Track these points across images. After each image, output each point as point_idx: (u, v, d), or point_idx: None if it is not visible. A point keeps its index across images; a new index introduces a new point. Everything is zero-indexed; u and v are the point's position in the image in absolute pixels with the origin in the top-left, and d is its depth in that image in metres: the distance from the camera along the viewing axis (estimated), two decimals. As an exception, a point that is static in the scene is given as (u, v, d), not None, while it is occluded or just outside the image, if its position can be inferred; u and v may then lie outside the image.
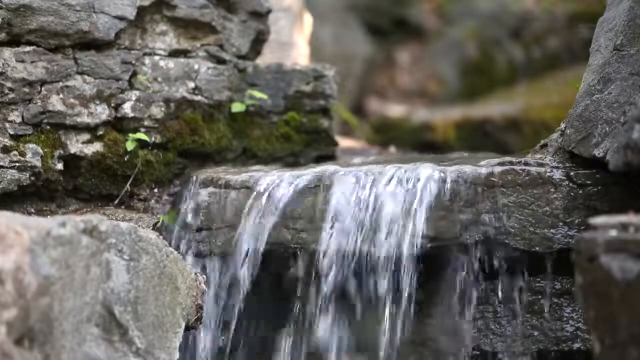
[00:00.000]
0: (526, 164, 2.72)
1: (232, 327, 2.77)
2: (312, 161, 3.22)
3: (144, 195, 3.02)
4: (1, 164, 2.79)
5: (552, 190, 2.66)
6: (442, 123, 5.67)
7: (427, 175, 2.67)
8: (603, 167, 2.60)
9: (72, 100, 2.90)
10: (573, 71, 5.36)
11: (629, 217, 2.01)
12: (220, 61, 3.16)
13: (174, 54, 3.10)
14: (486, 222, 2.65)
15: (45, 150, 2.85)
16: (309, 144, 3.25)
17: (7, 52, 2.82)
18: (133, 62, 3.00)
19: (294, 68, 3.28)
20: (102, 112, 2.94)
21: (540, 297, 2.68)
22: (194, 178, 2.92)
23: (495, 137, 5.49)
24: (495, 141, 5.37)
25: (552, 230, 2.65)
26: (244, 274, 2.73)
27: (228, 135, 3.16)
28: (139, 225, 2.44)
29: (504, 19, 6.93)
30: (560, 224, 2.65)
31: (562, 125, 2.83)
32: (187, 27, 3.11)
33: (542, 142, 2.90)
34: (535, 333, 2.67)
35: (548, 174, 2.67)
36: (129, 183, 2.99)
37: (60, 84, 2.89)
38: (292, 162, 3.22)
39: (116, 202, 2.99)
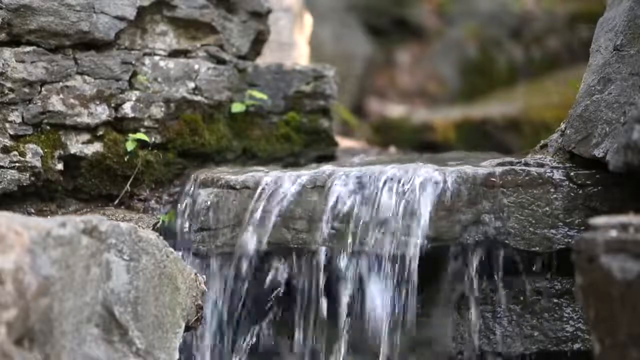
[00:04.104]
0: (526, 164, 2.73)
1: (233, 327, 2.77)
2: (312, 161, 3.22)
3: (144, 195, 3.02)
4: (1, 164, 2.79)
5: (552, 190, 2.66)
6: (442, 123, 5.67)
7: (427, 176, 2.67)
8: (603, 167, 2.60)
9: (72, 100, 2.90)
10: (573, 71, 5.36)
11: (629, 218, 2.01)
12: (220, 61, 3.16)
13: (174, 54, 3.10)
14: (486, 223, 2.65)
15: (45, 150, 2.86)
16: (309, 144, 3.25)
17: (7, 52, 2.82)
18: (133, 62, 3.00)
19: (294, 68, 3.28)
20: (102, 112, 2.94)
21: (540, 297, 2.68)
22: (194, 178, 2.92)
23: (495, 137, 5.49)
24: (495, 141, 5.37)
25: (552, 231, 2.65)
26: (244, 274, 2.73)
27: (228, 135, 3.16)
28: (139, 226, 2.44)
29: (504, 19, 6.93)
30: (560, 224, 2.65)
31: (562, 126, 2.83)
32: (187, 27, 3.11)
33: (542, 142, 2.90)
34: (535, 333, 2.67)
35: (548, 174, 2.67)
36: (129, 183, 2.99)
37: (60, 84, 2.89)
38: (292, 162, 3.22)
39: (116, 202, 2.99)
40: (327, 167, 2.80)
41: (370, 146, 4.32)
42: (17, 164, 2.81)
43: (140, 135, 2.98)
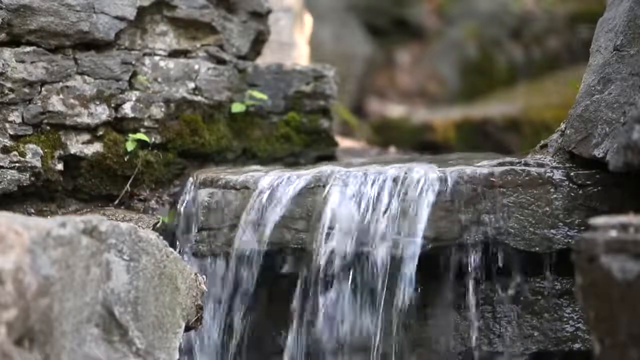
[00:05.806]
0: (526, 164, 2.73)
1: (233, 327, 2.77)
2: (312, 161, 3.22)
3: (144, 195, 3.02)
4: (1, 164, 2.79)
5: (552, 190, 2.66)
6: (442, 123, 5.67)
7: (427, 176, 2.67)
8: (603, 167, 2.61)
9: (72, 100, 2.90)
10: (573, 71, 5.36)
11: (629, 218, 2.01)
12: (220, 61, 3.16)
13: (174, 54, 3.10)
14: (486, 223, 2.65)
15: (46, 150, 2.86)
16: (309, 144, 3.25)
17: (7, 53, 2.82)
18: (133, 62, 3.00)
19: (294, 68, 3.28)
20: (102, 112, 2.94)
21: (540, 297, 2.68)
22: (194, 178, 2.92)
23: (495, 137, 5.49)
24: (495, 141, 5.37)
25: (552, 231, 2.65)
26: (244, 274, 2.73)
27: (228, 135, 3.16)
28: (139, 226, 2.44)
29: (504, 19, 6.93)
30: (560, 224, 2.65)
31: (562, 126, 2.83)
32: (187, 27, 3.11)
33: (542, 142, 2.90)
34: (535, 333, 2.67)
35: (548, 174, 2.68)
36: (129, 183, 2.99)
37: (60, 84, 2.89)
38: (292, 162, 3.22)
39: (116, 202, 2.99)
40: (327, 167, 2.80)
41: (370, 146, 4.33)
42: (17, 164, 2.81)
43: (140, 136, 2.98)
